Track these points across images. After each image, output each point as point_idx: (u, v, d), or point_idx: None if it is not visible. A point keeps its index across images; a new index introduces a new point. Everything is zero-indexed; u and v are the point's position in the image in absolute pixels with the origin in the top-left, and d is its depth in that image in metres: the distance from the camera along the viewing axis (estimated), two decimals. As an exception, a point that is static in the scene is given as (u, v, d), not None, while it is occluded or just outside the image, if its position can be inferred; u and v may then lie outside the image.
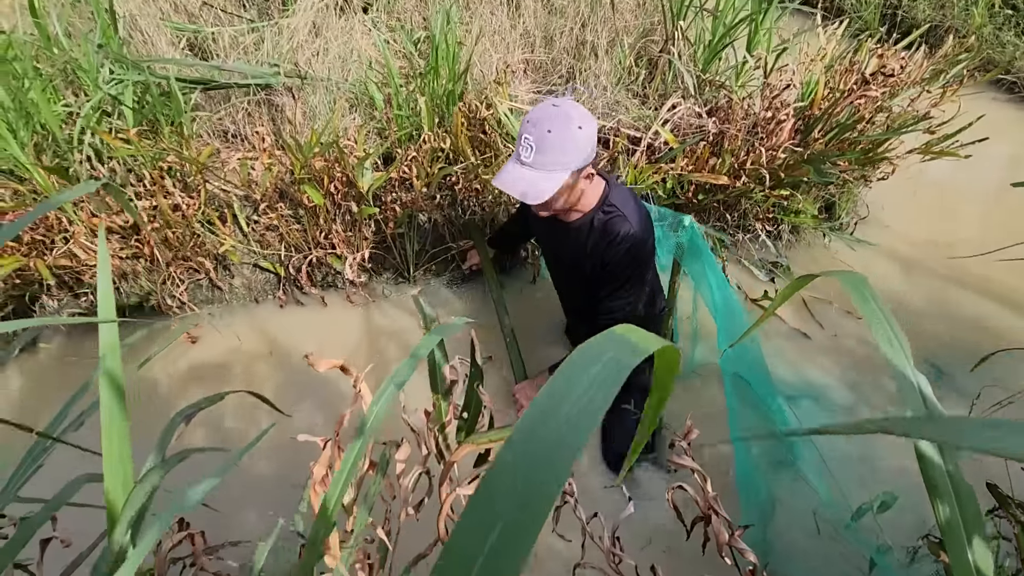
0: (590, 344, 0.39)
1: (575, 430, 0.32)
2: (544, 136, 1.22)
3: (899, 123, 2.50)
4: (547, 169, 1.26)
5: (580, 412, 0.33)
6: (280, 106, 2.48)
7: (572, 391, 0.34)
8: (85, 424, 0.87)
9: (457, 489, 0.76)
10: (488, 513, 0.31)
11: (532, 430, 0.33)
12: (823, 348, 2.20)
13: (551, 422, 0.33)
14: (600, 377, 0.35)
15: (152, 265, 2.21)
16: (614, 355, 0.37)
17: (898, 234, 2.71)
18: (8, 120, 2.03)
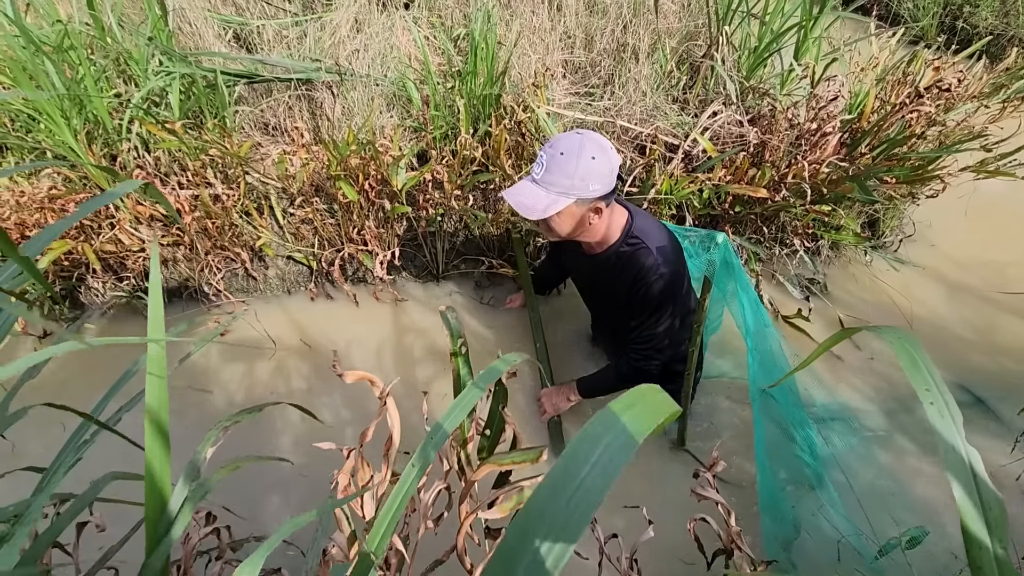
0: (596, 426, 0.41)
1: (581, 512, 0.33)
2: (555, 156, 1.25)
3: (953, 139, 2.39)
4: (550, 189, 1.27)
5: (586, 492, 0.34)
6: (319, 101, 2.52)
7: (579, 471, 0.35)
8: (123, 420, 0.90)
9: (478, 512, 0.76)
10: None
11: (542, 510, 0.33)
12: (858, 371, 2.13)
13: (560, 500, 0.34)
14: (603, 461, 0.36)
15: (191, 253, 2.27)
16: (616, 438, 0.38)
17: (945, 255, 2.60)
18: (63, 108, 2.11)
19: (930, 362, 0.48)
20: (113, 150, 2.23)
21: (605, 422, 0.42)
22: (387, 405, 0.88)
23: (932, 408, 0.44)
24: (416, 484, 0.66)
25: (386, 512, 0.67)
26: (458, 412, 0.68)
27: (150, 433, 0.56)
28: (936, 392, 0.45)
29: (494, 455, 0.81)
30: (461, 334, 0.91)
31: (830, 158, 2.17)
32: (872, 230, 2.63)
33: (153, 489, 0.57)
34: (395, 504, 0.66)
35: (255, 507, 1.69)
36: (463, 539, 0.83)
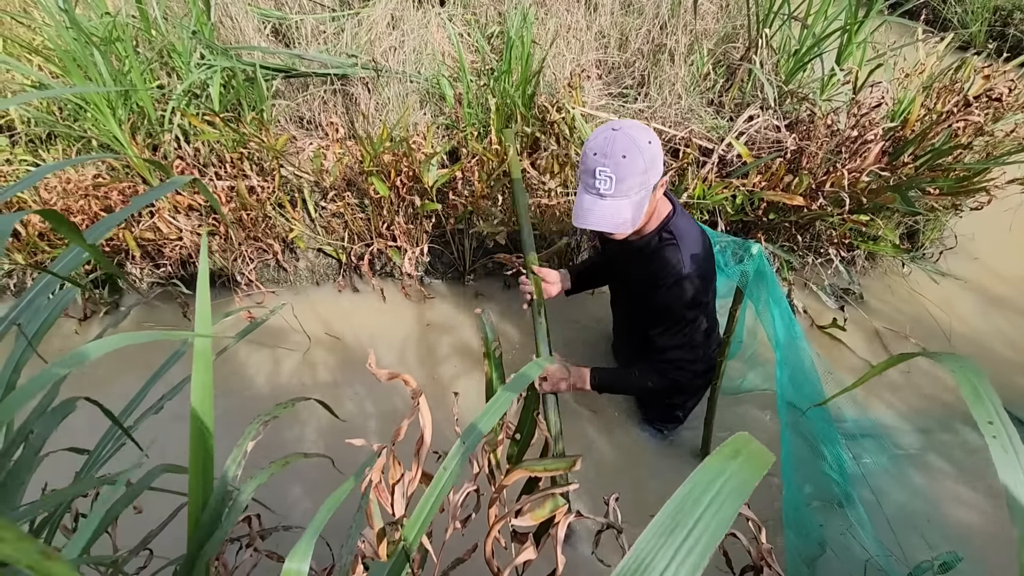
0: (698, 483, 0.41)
1: None
2: (620, 164, 1.20)
3: (1001, 150, 2.31)
4: (631, 195, 1.24)
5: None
6: (355, 97, 2.54)
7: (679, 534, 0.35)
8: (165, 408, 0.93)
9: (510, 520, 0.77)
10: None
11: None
12: (893, 385, 2.08)
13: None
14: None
15: (226, 243, 2.32)
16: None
17: (988, 269, 2.51)
18: (109, 99, 2.18)
19: (994, 394, 0.46)
20: (155, 140, 2.29)
21: (713, 470, 0.42)
22: (419, 405, 0.88)
23: (995, 442, 0.43)
24: (449, 487, 0.67)
25: (419, 512, 0.68)
26: (490, 416, 0.68)
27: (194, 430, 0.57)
28: (1000, 426, 0.43)
29: (525, 461, 0.81)
30: (497, 338, 0.91)
31: (871, 167, 2.11)
32: (911, 241, 2.55)
33: (196, 484, 0.58)
34: (428, 505, 0.67)
35: (279, 498, 1.72)
36: (491, 544, 0.83)
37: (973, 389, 0.45)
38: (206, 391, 0.60)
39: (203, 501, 0.59)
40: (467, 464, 0.96)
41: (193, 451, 0.59)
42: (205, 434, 0.59)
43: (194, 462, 0.59)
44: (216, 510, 0.60)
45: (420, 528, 0.68)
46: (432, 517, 0.70)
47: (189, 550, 0.58)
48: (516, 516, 0.76)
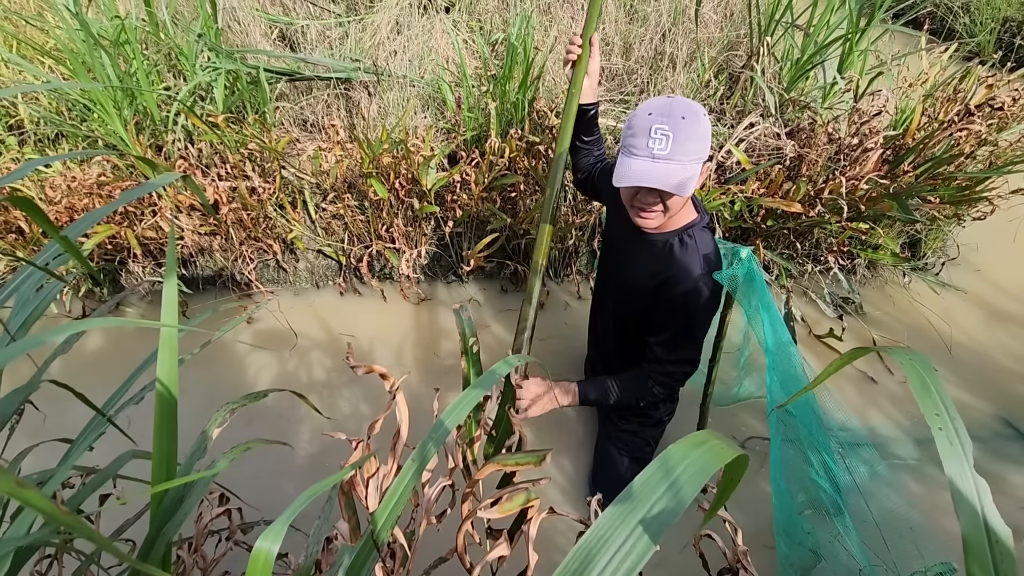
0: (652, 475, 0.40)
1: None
2: (679, 123, 1.11)
3: (1005, 160, 2.29)
4: (687, 160, 1.13)
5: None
6: (357, 100, 2.57)
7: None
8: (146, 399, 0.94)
9: (479, 512, 0.77)
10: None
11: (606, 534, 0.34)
12: (891, 395, 2.06)
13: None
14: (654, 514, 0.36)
15: (226, 243, 2.35)
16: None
17: (990, 280, 2.48)
18: (115, 99, 2.22)
19: (942, 386, 0.45)
20: (159, 140, 2.33)
21: (675, 457, 0.42)
22: (396, 399, 0.89)
23: (941, 434, 0.42)
24: (418, 476, 0.67)
25: (389, 499, 0.68)
26: (461, 409, 0.68)
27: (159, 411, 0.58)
28: (946, 417, 0.43)
29: (498, 456, 0.81)
30: (474, 333, 0.92)
31: (870, 174, 2.10)
32: (912, 251, 2.53)
33: (160, 466, 0.59)
34: (398, 492, 0.67)
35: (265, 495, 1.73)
36: (463, 537, 0.83)
37: (921, 381, 0.44)
38: (171, 378, 0.60)
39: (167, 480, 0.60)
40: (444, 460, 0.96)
41: (157, 435, 0.60)
42: (169, 419, 0.60)
43: (158, 446, 0.60)
44: (179, 492, 0.61)
45: (389, 516, 0.68)
46: (401, 507, 0.70)
47: (150, 531, 0.59)
48: (486, 509, 0.76)
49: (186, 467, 0.62)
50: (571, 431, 1.96)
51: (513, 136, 2.15)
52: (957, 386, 2.07)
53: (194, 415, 1.28)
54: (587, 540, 0.39)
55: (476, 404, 0.95)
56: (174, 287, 0.60)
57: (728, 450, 0.46)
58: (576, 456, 1.89)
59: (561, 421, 1.97)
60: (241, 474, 1.74)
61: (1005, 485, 1.80)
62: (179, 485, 0.62)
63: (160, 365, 0.58)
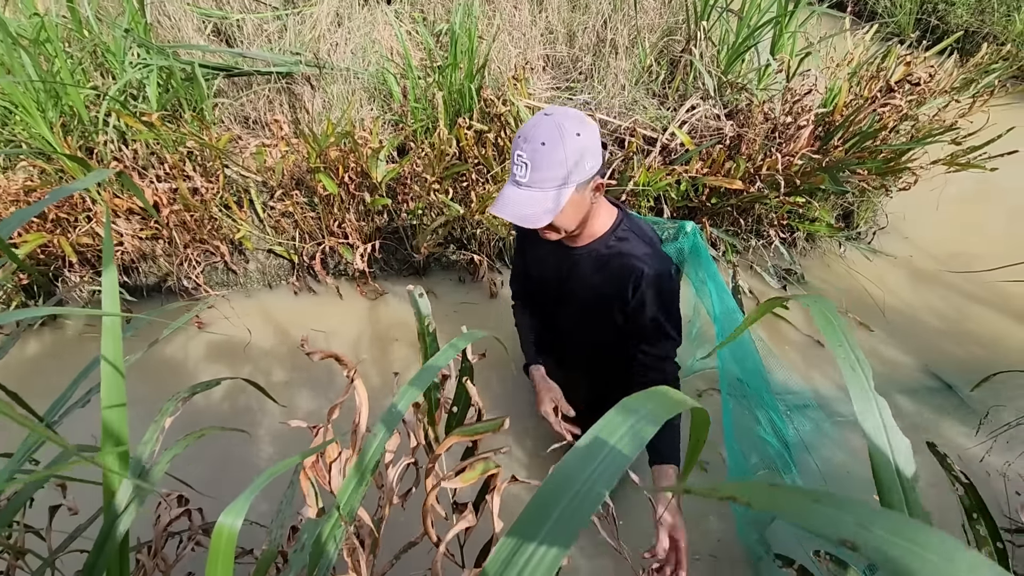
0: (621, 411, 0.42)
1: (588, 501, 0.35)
2: (538, 150, 1.06)
3: (924, 133, 2.44)
4: (547, 187, 1.08)
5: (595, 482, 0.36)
6: (299, 94, 2.52)
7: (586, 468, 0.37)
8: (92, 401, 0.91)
9: (442, 483, 0.78)
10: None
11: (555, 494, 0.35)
12: (832, 358, 2.17)
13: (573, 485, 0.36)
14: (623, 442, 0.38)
15: (170, 247, 2.27)
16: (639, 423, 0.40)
17: (917, 246, 2.66)
18: (39, 101, 2.10)
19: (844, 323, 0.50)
20: (90, 143, 2.22)
21: (631, 406, 0.43)
22: (355, 383, 0.89)
23: (844, 361, 0.47)
24: (381, 449, 0.68)
25: (349, 480, 0.69)
26: (419, 383, 0.69)
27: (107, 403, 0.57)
28: (847, 348, 0.47)
29: (458, 428, 0.82)
30: (429, 313, 0.93)
31: (803, 150, 2.21)
32: (846, 222, 2.68)
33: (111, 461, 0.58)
34: (360, 473, 0.68)
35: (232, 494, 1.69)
36: (430, 512, 0.84)
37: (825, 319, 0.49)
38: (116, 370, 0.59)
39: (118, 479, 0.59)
40: (406, 441, 0.97)
41: (105, 430, 0.59)
42: (117, 412, 0.59)
43: (106, 441, 0.59)
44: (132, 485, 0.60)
45: (352, 494, 0.69)
46: (365, 485, 0.71)
47: (103, 527, 0.58)
48: (450, 480, 0.78)
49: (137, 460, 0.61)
50: (524, 400, 1.98)
51: (462, 125, 2.16)
52: (890, 344, 2.21)
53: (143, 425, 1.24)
54: (547, 486, 0.41)
55: (435, 381, 0.96)
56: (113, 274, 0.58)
57: (682, 401, 0.48)
58: (536, 427, 1.92)
59: (514, 391, 1.99)
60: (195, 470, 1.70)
61: (936, 429, 1.94)
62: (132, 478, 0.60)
63: (104, 350, 0.56)
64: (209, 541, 1.14)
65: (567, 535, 0.34)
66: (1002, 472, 1.78)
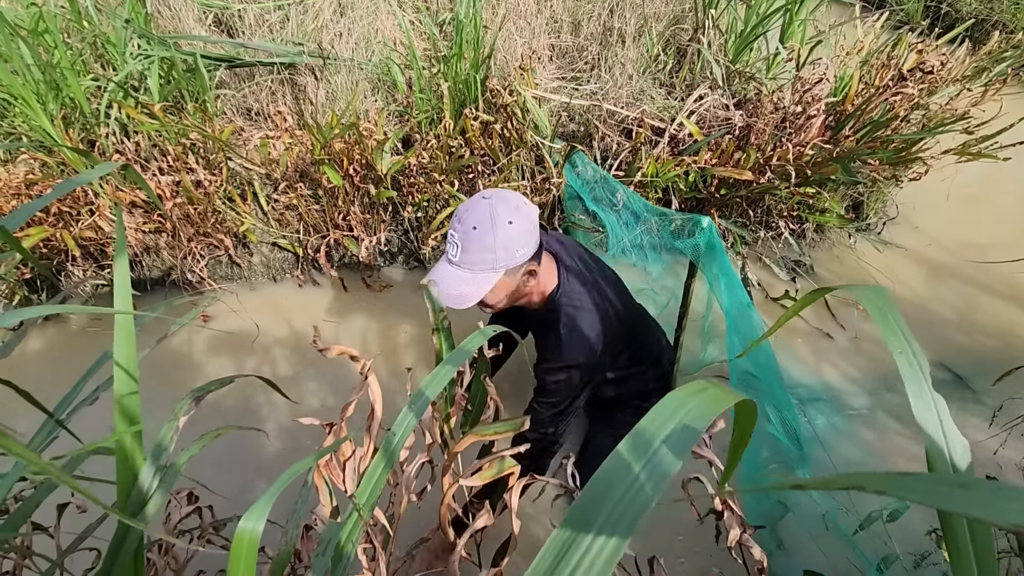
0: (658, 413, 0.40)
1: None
2: (469, 233, 1.11)
3: (936, 122, 2.41)
4: (475, 270, 1.13)
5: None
6: (303, 85, 2.48)
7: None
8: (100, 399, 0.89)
9: (460, 480, 0.76)
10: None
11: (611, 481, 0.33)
12: (843, 350, 2.16)
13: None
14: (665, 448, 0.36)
15: (174, 240, 2.24)
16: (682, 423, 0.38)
17: (928, 237, 2.63)
18: (39, 92, 2.07)
19: (899, 314, 0.48)
20: (91, 135, 2.19)
21: (675, 402, 0.41)
22: (368, 380, 0.87)
23: (901, 356, 0.44)
24: (399, 449, 0.66)
25: (370, 476, 0.67)
26: (438, 381, 0.67)
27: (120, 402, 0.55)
28: (904, 342, 0.45)
29: (477, 426, 0.81)
30: (443, 308, 0.91)
31: (814, 140, 2.18)
32: (856, 213, 2.65)
33: (124, 459, 0.56)
34: (378, 471, 0.66)
35: (240, 491, 1.68)
36: (446, 509, 0.83)
37: (880, 311, 0.47)
38: (130, 366, 0.57)
39: (132, 477, 0.57)
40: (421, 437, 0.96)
41: (119, 428, 0.57)
42: (130, 411, 0.57)
43: (120, 439, 0.57)
44: (148, 485, 0.58)
45: (372, 493, 0.67)
46: (383, 482, 0.69)
47: (118, 529, 0.56)
48: (467, 478, 0.76)
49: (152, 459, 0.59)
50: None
51: (468, 116, 2.13)
52: (902, 337, 2.19)
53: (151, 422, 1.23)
54: (592, 489, 0.38)
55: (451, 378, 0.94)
56: (125, 266, 0.56)
57: (729, 395, 0.45)
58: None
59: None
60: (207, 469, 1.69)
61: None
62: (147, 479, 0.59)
63: (117, 350, 0.54)
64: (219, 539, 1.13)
65: (614, 544, 0.32)
66: (1020, 465, 1.77)
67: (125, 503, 0.57)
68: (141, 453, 0.59)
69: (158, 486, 0.58)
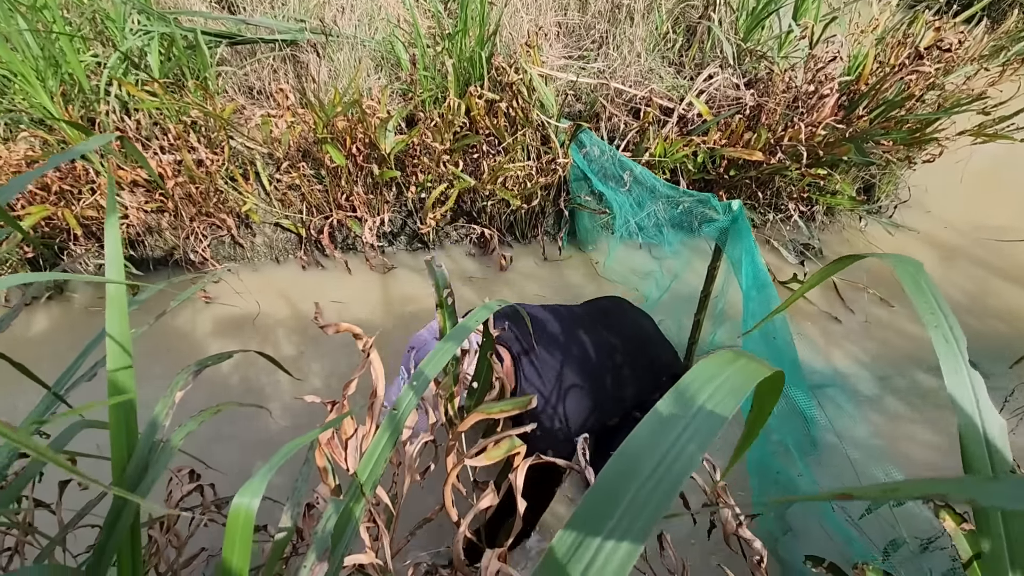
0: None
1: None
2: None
3: (952, 102, 2.35)
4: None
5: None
6: (305, 63, 2.44)
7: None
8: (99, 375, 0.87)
9: (465, 460, 0.75)
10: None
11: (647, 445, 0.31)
12: (852, 334, 2.13)
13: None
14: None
15: (176, 220, 2.22)
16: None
17: (940, 220, 2.58)
18: (38, 69, 2.04)
19: (934, 285, 0.45)
20: (91, 112, 2.16)
21: (709, 371, 0.38)
22: (370, 357, 0.85)
23: (936, 331, 0.42)
24: (402, 424, 0.64)
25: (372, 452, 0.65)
26: (442, 356, 0.65)
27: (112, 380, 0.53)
28: (940, 315, 0.43)
29: (482, 404, 0.79)
30: (447, 284, 0.89)
31: (827, 120, 2.13)
32: (868, 195, 2.60)
33: (118, 432, 0.54)
34: (380, 444, 0.64)
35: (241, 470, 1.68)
36: (450, 489, 0.81)
37: (915, 283, 0.44)
38: (123, 338, 0.55)
39: (127, 452, 0.56)
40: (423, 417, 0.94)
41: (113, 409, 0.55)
42: (123, 381, 0.55)
43: (114, 413, 0.55)
44: (143, 460, 0.57)
45: (374, 470, 0.66)
46: (385, 459, 0.67)
47: (114, 503, 0.55)
48: (473, 458, 0.74)
49: (148, 434, 0.58)
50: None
51: (473, 94, 2.08)
52: (912, 320, 2.16)
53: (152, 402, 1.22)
54: (617, 461, 0.36)
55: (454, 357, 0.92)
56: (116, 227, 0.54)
57: (760, 367, 0.41)
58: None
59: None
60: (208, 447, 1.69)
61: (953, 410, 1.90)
62: (142, 453, 0.57)
63: (109, 320, 0.52)
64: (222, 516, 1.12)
65: (650, 512, 0.30)
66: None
67: (121, 478, 0.56)
68: (135, 426, 0.58)
69: (154, 460, 0.56)
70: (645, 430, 0.33)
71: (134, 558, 0.56)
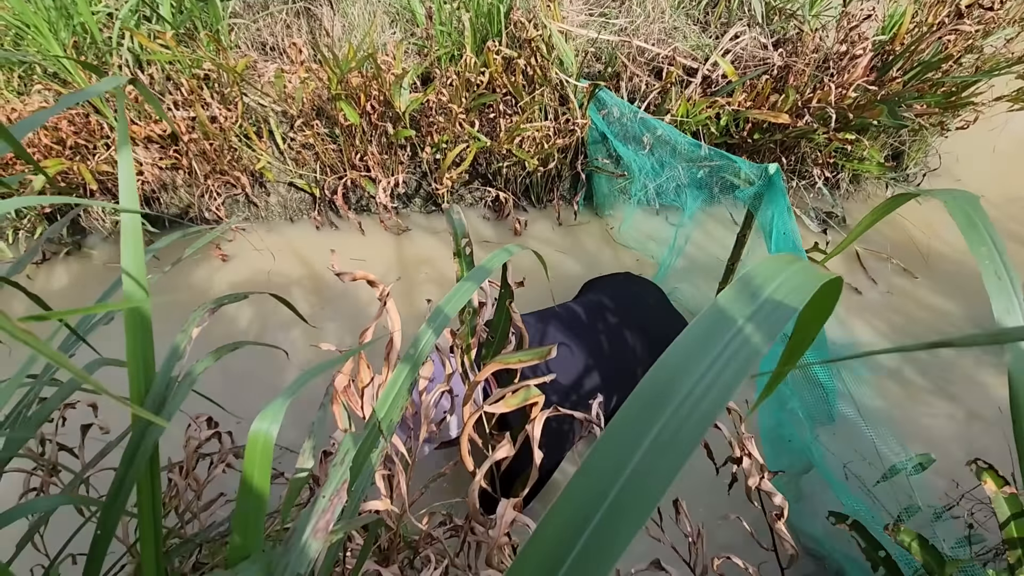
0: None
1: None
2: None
3: (991, 65, 2.24)
4: None
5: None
6: (319, 17, 2.38)
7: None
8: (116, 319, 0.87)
9: (484, 407, 0.74)
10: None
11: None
12: (873, 305, 2.09)
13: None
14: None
15: (190, 178, 2.21)
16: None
17: (971, 190, 2.48)
18: (50, 20, 2.01)
19: (989, 221, 0.42)
20: (104, 65, 2.14)
21: (770, 268, 0.36)
22: (387, 306, 0.84)
23: (988, 267, 0.39)
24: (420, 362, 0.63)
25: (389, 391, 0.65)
26: (459, 297, 0.64)
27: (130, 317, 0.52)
28: (993, 251, 0.40)
29: (501, 354, 0.78)
30: (466, 234, 0.87)
31: (859, 81, 2.04)
32: (896, 162, 2.51)
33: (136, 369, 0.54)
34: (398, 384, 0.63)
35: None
36: (466, 439, 0.81)
37: (967, 218, 0.41)
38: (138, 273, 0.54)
39: (145, 387, 0.55)
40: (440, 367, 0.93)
41: (130, 336, 0.55)
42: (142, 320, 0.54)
43: (131, 346, 0.55)
44: (160, 396, 0.56)
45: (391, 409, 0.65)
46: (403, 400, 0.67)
47: (132, 437, 0.55)
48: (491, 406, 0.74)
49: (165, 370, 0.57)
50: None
51: (490, 49, 2.02)
52: (935, 292, 2.11)
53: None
54: (667, 359, 0.34)
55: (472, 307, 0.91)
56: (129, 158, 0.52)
57: (820, 271, 0.38)
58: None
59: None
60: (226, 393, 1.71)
61: (982, 379, 1.87)
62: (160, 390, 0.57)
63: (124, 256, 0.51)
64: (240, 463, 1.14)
65: (680, 448, 0.28)
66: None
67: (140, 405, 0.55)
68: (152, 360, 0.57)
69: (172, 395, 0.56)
70: (709, 315, 0.31)
71: (153, 492, 0.56)
